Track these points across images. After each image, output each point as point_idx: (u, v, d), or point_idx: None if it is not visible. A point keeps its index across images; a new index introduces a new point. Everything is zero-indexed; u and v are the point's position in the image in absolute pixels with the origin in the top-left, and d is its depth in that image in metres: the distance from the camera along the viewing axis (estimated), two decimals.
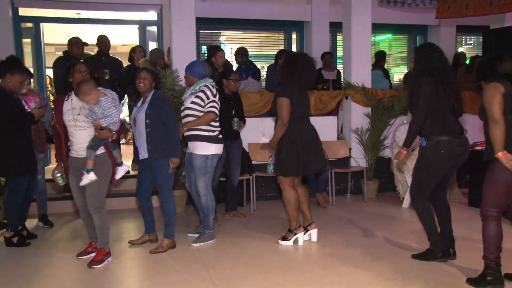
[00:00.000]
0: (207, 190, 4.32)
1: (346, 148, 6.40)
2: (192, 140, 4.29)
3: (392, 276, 3.48)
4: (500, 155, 3.09)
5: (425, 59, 3.61)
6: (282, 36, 8.88)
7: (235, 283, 3.40)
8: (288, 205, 4.23)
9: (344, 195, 6.46)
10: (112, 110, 3.64)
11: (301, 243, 4.28)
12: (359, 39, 6.54)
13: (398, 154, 3.67)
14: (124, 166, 3.92)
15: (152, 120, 3.92)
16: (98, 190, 3.69)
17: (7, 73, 4.25)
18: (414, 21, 9.01)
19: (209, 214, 4.36)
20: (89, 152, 3.63)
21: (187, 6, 5.99)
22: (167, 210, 4.10)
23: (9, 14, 6.98)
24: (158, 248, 4.07)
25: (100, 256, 3.75)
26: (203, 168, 4.27)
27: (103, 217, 3.74)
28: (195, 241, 4.31)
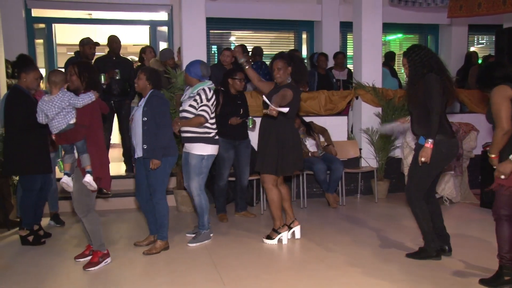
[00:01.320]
0: (200, 191, 4.31)
1: (356, 148, 6.38)
2: (188, 142, 4.31)
3: (402, 277, 3.46)
4: (493, 157, 3.19)
5: (419, 60, 3.60)
6: (292, 36, 8.87)
7: (245, 283, 3.40)
8: (272, 204, 4.25)
9: (354, 195, 6.43)
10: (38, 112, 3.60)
11: (285, 242, 4.31)
12: (370, 39, 6.51)
13: (425, 151, 3.50)
14: (87, 177, 3.55)
15: (148, 118, 3.89)
16: (79, 195, 3.64)
17: (22, 72, 4.31)
18: (425, 21, 8.94)
19: (203, 214, 4.35)
20: (64, 156, 3.65)
21: (197, 6, 6.00)
22: (159, 212, 4.03)
23: (22, 15, 7.08)
24: (151, 250, 4.04)
25: (96, 259, 3.72)
26: (198, 168, 4.27)
27: (91, 221, 3.69)
28: (191, 241, 4.31)
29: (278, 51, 8.41)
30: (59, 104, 3.54)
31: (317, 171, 5.61)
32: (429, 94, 3.50)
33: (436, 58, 3.66)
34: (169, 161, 4.02)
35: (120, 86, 6.01)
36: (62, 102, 3.55)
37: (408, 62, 3.67)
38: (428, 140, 3.50)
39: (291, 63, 4.16)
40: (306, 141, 5.90)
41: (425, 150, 3.51)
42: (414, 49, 3.68)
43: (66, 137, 3.60)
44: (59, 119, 3.56)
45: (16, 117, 4.21)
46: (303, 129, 5.92)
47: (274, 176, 4.21)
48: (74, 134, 3.59)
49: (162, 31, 8.00)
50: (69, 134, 3.59)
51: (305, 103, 6.33)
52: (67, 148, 3.65)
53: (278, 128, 4.11)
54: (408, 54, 3.68)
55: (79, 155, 3.61)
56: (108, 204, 5.68)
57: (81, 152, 3.60)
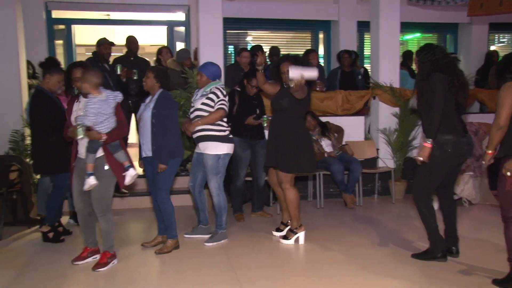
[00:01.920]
0: (219, 190, 4.34)
1: (373, 149, 6.33)
2: (203, 141, 4.30)
3: (419, 279, 3.43)
4: (489, 152, 3.30)
5: (428, 59, 3.61)
6: (309, 36, 8.85)
7: (261, 283, 3.41)
8: (291, 205, 4.26)
9: (371, 196, 6.39)
10: (89, 110, 3.54)
11: (302, 242, 4.31)
12: (387, 39, 6.46)
13: (423, 150, 3.52)
14: (131, 171, 3.75)
15: (157, 120, 3.90)
16: (101, 194, 3.65)
17: (46, 73, 4.39)
18: (444, 20, 8.83)
19: (222, 214, 4.37)
20: (87, 155, 3.60)
21: (214, 6, 6.03)
22: (165, 211, 4.03)
23: (43, 17, 7.20)
24: (162, 249, 4.06)
25: (104, 259, 3.72)
26: (215, 168, 4.28)
27: (108, 221, 3.71)
28: (208, 240, 4.32)
29: (295, 51, 8.50)
30: (111, 104, 3.64)
31: (334, 171, 5.58)
32: (431, 93, 3.50)
33: (446, 58, 3.65)
34: (176, 161, 4.03)
35: (137, 86, 6.06)
36: (113, 102, 3.66)
37: (418, 61, 3.69)
38: (427, 139, 3.52)
39: (295, 64, 4.16)
40: (321, 141, 5.88)
41: (423, 149, 3.54)
42: (425, 48, 3.69)
43: (115, 134, 3.65)
44: (110, 119, 3.63)
45: (40, 119, 4.29)
46: (318, 129, 5.90)
47: (292, 176, 4.23)
48: (120, 130, 3.72)
49: (179, 31, 8.05)
50: (117, 132, 3.68)
51: (321, 103, 6.31)
52: (97, 147, 3.61)
53: (292, 127, 4.14)
54: (419, 53, 3.70)
55: (115, 152, 3.68)
56: (125, 203, 5.74)
57: (118, 149, 3.70)
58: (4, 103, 5.73)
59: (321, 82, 6.45)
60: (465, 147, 3.61)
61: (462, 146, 3.59)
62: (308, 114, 5.92)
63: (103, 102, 3.61)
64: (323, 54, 8.74)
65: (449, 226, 3.84)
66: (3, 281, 3.49)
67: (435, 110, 3.47)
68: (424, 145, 3.53)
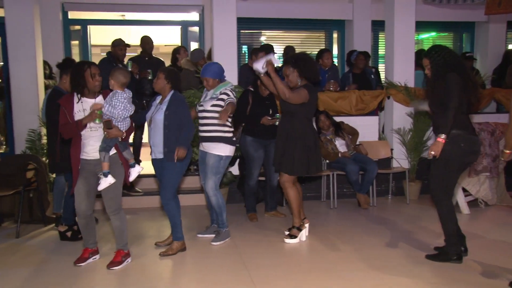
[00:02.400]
0: (216, 190, 4.33)
1: (387, 149, 6.29)
2: (209, 141, 4.32)
3: (433, 280, 3.40)
4: (508, 152, 3.41)
5: (441, 59, 3.61)
6: (323, 35, 8.81)
7: (274, 282, 3.41)
8: (293, 203, 4.32)
9: (385, 196, 6.35)
10: (118, 103, 3.56)
11: (304, 239, 4.37)
12: (402, 38, 6.41)
13: (436, 145, 3.52)
14: (137, 167, 3.81)
15: (170, 122, 3.89)
16: (115, 192, 3.67)
17: (63, 74, 4.44)
18: (460, 18, 8.72)
19: (222, 212, 4.39)
20: (103, 155, 3.57)
21: (228, 6, 6.05)
22: (169, 212, 3.97)
23: (59, 18, 7.30)
24: (167, 251, 4.01)
25: (119, 258, 3.74)
26: (215, 168, 4.30)
27: (121, 219, 3.73)
28: (214, 240, 4.34)
29: (309, 51, 8.48)
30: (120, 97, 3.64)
31: (349, 171, 5.56)
32: (448, 93, 3.51)
33: (458, 58, 3.68)
34: (184, 163, 4.00)
35: (152, 86, 6.08)
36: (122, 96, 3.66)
37: (430, 63, 3.68)
38: (440, 134, 3.52)
39: (296, 65, 4.19)
40: (335, 141, 5.85)
41: (436, 143, 3.54)
42: (435, 49, 3.68)
43: (129, 133, 3.75)
44: (128, 119, 3.71)
45: (56, 119, 4.33)
46: (332, 129, 5.88)
47: (293, 176, 4.27)
48: (131, 128, 3.79)
49: (194, 31, 8.08)
50: (130, 129, 3.78)
51: (335, 103, 6.28)
52: (110, 145, 3.60)
53: (300, 129, 4.17)
54: (430, 54, 3.68)
55: (124, 150, 3.69)
56: (139, 202, 5.78)
57: (126, 147, 3.74)
58: (21, 103, 5.83)
59: (335, 82, 6.42)
60: (476, 145, 3.65)
61: (474, 144, 3.63)
62: (322, 114, 5.91)
63: (129, 100, 3.68)
64: (337, 53, 8.70)
65: None
66: (21, 277, 3.54)
67: (451, 108, 3.47)
68: (438, 140, 3.53)
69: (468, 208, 5.40)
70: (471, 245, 3.97)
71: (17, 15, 5.86)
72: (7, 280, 3.49)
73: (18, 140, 5.80)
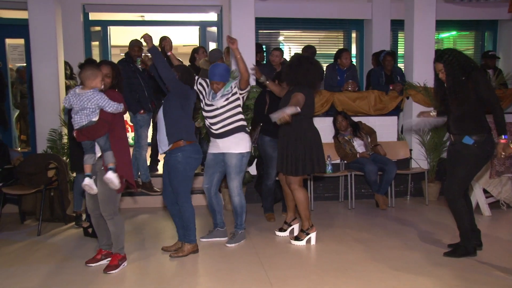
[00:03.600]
0: (240, 190, 4.33)
1: (406, 149, 6.23)
2: (229, 135, 4.20)
3: (454, 282, 3.36)
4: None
5: (456, 63, 3.62)
6: (341, 35, 8.76)
7: (292, 283, 3.40)
8: (300, 205, 4.24)
9: (404, 197, 6.28)
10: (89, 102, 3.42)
11: (314, 243, 4.29)
12: (422, 37, 6.33)
13: (505, 147, 3.58)
14: (109, 173, 3.46)
15: (167, 110, 3.87)
16: (108, 196, 3.55)
17: None
18: (482, 17, 8.58)
19: (243, 214, 4.37)
20: (85, 157, 3.54)
21: (246, 6, 6.06)
22: (184, 215, 3.92)
23: (80, 19, 7.41)
24: (178, 252, 3.97)
25: (115, 261, 3.67)
26: (239, 167, 4.26)
27: (116, 223, 3.64)
28: (229, 241, 4.30)
29: (327, 51, 8.45)
30: (84, 104, 3.43)
31: (368, 172, 5.52)
32: (485, 91, 3.55)
33: (470, 59, 3.71)
34: (191, 163, 3.89)
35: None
36: (89, 102, 3.43)
37: (445, 66, 3.67)
38: (502, 136, 3.57)
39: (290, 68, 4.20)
40: (353, 141, 5.82)
41: (504, 146, 3.58)
42: (448, 53, 3.69)
43: (87, 133, 3.47)
44: (81, 115, 3.45)
45: None
46: (350, 130, 5.85)
47: (300, 177, 4.22)
48: (96, 129, 3.47)
49: (212, 31, 8.12)
50: (91, 130, 3.46)
51: (354, 103, 6.24)
52: (87, 147, 3.54)
53: (300, 129, 4.14)
54: (444, 58, 3.68)
55: (102, 152, 3.52)
56: (154, 201, 5.83)
57: (105, 149, 3.51)
58: (42, 103, 5.94)
59: (353, 82, 6.38)
60: (495, 145, 3.71)
61: (494, 145, 3.69)
62: (339, 115, 5.88)
63: (74, 96, 3.47)
64: (356, 53, 8.64)
65: (471, 221, 3.91)
66: (42, 274, 3.61)
67: (497, 105, 3.55)
68: (501, 142, 3.58)
69: (489, 210, 5.31)
70: (492, 248, 3.91)
71: (40, 17, 5.98)
72: (29, 277, 3.56)
73: (40, 139, 5.92)
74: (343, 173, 5.84)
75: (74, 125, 3.49)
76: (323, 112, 6.29)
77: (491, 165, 5.20)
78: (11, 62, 7.73)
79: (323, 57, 8.36)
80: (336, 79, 6.47)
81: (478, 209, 5.37)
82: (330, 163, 5.76)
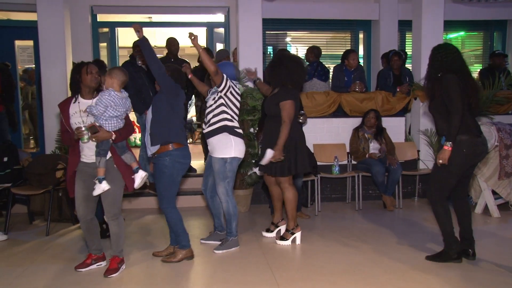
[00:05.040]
0: (227, 196, 4.12)
1: (414, 150, 6.20)
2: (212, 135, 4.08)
3: (462, 283, 3.34)
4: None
5: (439, 59, 3.63)
6: (348, 35, 8.73)
7: (298, 284, 3.40)
8: (289, 204, 4.24)
9: (412, 198, 6.25)
10: (102, 99, 3.37)
11: (299, 242, 4.29)
12: (430, 38, 6.30)
13: (443, 153, 3.56)
14: (140, 173, 3.58)
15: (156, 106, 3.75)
16: (115, 197, 3.53)
17: None
18: (491, 17, 8.51)
19: (232, 221, 4.17)
20: (98, 160, 3.43)
21: (254, 7, 6.07)
22: (170, 221, 3.82)
23: (88, 21, 7.45)
24: (170, 258, 3.88)
25: (115, 265, 3.62)
26: (221, 173, 4.08)
27: (120, 225, 3.60)
28: (218, 248, 4.16)
29: (334, 52, 8.43)
30: (126, 106, 3.53)
31: (375, 173, 5.51)
32: (447, 96, 3.52)
33: (456, 61, 3.63)
34: (178, 168, 3.76)
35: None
36: (128, 105, 3.57)
37: (431, 56, 3.71)
38: (447, 142, 3.54)
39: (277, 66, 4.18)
40: (371, 142, 5.80)
41: (443, 152, 3.57)
42: (443, 47, 3.69)
43: (124, 133, 3.55)
44: (119, 119, 3.50)
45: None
46: (374, 130, 5.82)
47: (290, 176, 4.23)
48: (128, 129, 3.61)
49: (219, 32, 8.13)
50: (126, 131, 3.56)
51: (361, 103, 6.23)
52: (104, 149, 3.45)
53: None
54: (437, 49, 3.70)
55: (122, 153, 3.53)
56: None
57: (126, 150, 3.56)
58: (51, 104, 5.98)
59: (360, 83, 6.36)
60: (480, 147, 3.63)
61: (477, 146, 3.61)
62: (372, 111, 5.86)
63: (120, 99, 3.46)
64: (363, 54, 8.61)
65: (465, 228, 3.83)
66: (51, 274, 3.64)
67: (455, 113, 3.49)
68: (444, 148, 3.56)
69: (498, 211, 5.27)
70: (502, 250, 3.88)
71: (49, 19, 6.03)
72: (38, 277, 3.59)
73: (48, 140, 5.97)
74: (350, 174, 5.83)
75: (110, 127, 3.43)
76: (331, 113, 6.28)
77: (500, 166, 5.16)
78: (21, 64, 7.80)
79: (330, 58, 8.35)
80: (344, 80, 6.46)
81: (487, 211, 5.34)
82: (337, 164, 5.74)
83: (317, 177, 5.52)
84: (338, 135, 6.11)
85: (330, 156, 5.90)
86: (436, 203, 3.74)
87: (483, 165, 5.27)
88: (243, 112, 5.50)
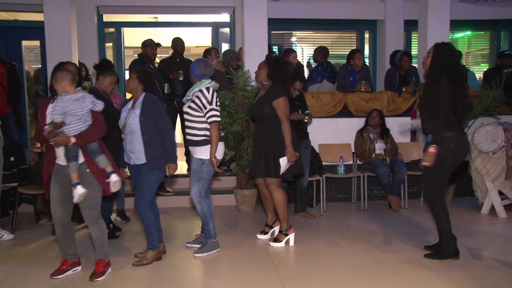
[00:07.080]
0: (200, 197, 4.00)
1: (419, 150, 6.17)
2: (193, 145, 4.01)
3: (468, 284, 3.32)
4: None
5: (444, 59, 3.65)
6: (354, 35, 8.72)
7: (304, 284, 3.40)
8: (279, 206, 4.21)
9: (417, 198, 6.23)
10: (57, 108, 3.24)
11: (292, 244, 4.28)
12: (436, 38, 6.21)
13: (428, 156, 3.60)
14: (113, 177, 3.43)
15: (147, 127, 3.65)
16: (92, 201, 3.42)
17: (100, 75, 4.56)
18: (498, 16, 8.47)
19: (208, 222, 4.05)
20: (69, 165, 3.31)
21: (259, 7, 6.07)
22: (144, 221, 3.77)
23: (94, 21, 7.48)
24: (141, 261, 3.81)
25: (101, 268, 3.54)
26: (197, 173, 3.98)
27: (100, 228, 3.52)
28: (198, 251, 4.06)
29: (340, 52, 8.41)
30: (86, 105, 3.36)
31: (380, 174, 5.50)
32: (438, 98, 3.59)
33: (459, 65, 3.73)
34: (163, 170, 3.76)
35: (183, 87, 6.18)
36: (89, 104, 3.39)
37: (432, 56, 3.72)
38: (431, 145, 3.60)
39: (270, 66, 4.19)
40: (376, 142, 5.78)
41: (428, 154, 3.63)
42: (444, 45, 3.71)
43: (88, 136, 3.34)
44: (80, 121, 3.33)
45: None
46: (379, 130, 5.81)
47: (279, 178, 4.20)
48: (95, 131, 3.39)
49: (224, 32, 8.15)
50: (91, 133, 3.36)
51: (367, 103, 6.21)
52: (71, 154, 3.32)
53: (276, 132, 4.07)
54: (438, 48, 3.72)
55: (95, 157, 3.39)
56: (170, 202, 5.87)
57: (98, 153, 3.41)
58: None
59: (366, 83, 6.34)
60: (467, 144, 3.74)
61: (462, 142, 3.70)
62: (375, 110, 5.85)
63: (74, 101, 3.30)
64: (369, 54, 8.59)
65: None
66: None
67: (441, 116, 3.58)
68: (429, 150, 3.61)
69: (505, 212, 5.24)
70: (508, 251, 3.85)
71: (55, 19, 6.06)
72: (44, 276, 3.60)
73: None
74: (356, 174, 5.82)
75: (71, 131, 3.28)
76: (336, 113, 6.27)
77: (507, 167, 5.13)
78: (27, 64, 7.85)
79: (336, 58, 8.34)
80: (349, 79, 6.45)
81: (494, 211, 5.31)
82: (342, 164, 5.73)
83: (322, 177, 5.52)
84: (343, 135, 6.10)
85: (335, 156, 5.89)
86: (434, 203, 3.80)
87: (490, 165, 5.24)
88: (246, 113, 5.50)
